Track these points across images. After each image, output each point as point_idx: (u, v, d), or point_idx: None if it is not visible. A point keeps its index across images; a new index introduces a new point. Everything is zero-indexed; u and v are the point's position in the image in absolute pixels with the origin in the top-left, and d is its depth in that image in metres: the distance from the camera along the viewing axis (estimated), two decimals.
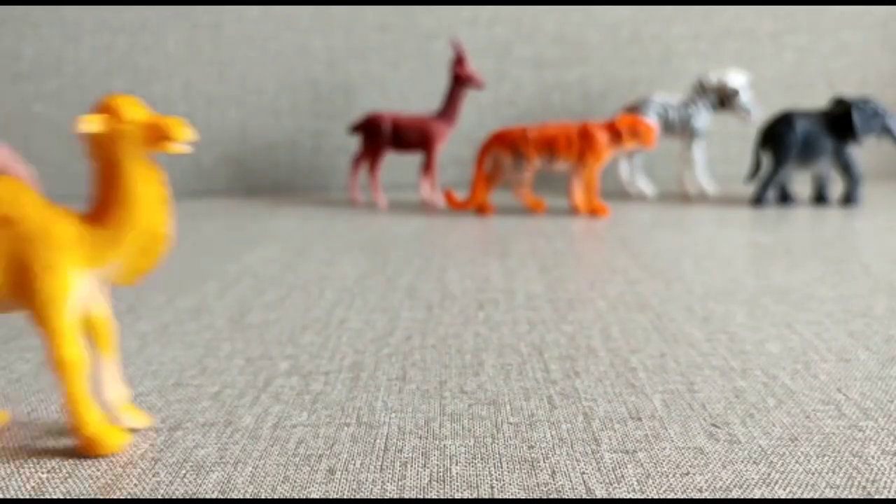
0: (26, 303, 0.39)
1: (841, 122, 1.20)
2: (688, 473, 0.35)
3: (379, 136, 1.33)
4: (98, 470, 0.37)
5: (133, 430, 0.42)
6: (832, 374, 0.47)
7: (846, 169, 1.22)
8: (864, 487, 0.33)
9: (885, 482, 0.34)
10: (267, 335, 0.58)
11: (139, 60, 1.58)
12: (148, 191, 0.40)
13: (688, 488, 0.33)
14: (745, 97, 1.33)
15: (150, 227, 0.41)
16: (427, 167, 1.33)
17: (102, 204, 0.40)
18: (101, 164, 0.40)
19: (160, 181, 0.41)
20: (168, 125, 0.39)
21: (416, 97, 1.65)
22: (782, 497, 0.32)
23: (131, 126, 0.40)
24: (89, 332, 0.41)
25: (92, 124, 0.39)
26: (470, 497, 0.33)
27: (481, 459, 0.37)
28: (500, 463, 0.36)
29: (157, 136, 0.40)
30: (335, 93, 1.63)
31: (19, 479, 0.36)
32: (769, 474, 0.34)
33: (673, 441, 0.38)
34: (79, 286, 0.40)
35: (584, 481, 0.34)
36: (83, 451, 0.39)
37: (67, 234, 0.39)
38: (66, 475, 0.36)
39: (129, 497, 0.34)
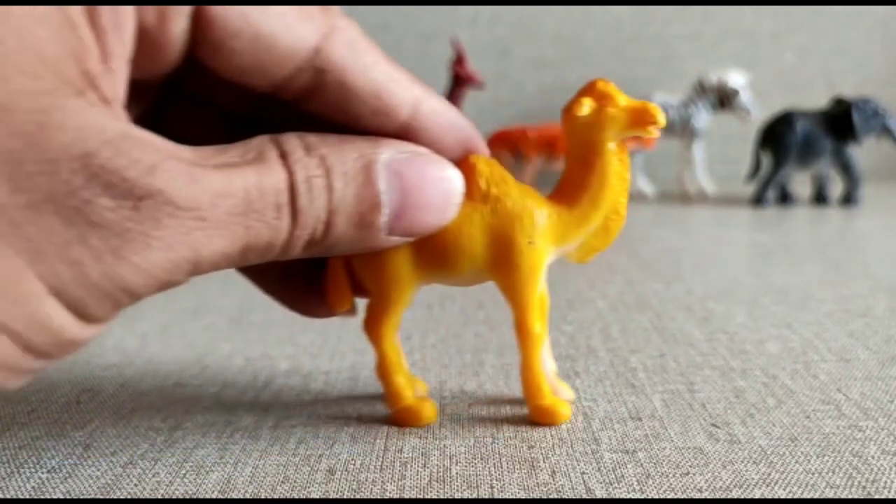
0: (502, 275, 0.41)
1: (841, 122, 1.20)
2: (688, 473, 0.35)
3: None
4: (98, 470, 0.37)
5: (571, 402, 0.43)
6: (832, 374, 0.47)
7: (846, 169, 1.22)
8: (864, 487, 0.33)
9: (885, 482, 0.34)
10: (267, 335, 0.58)
11: None
12: (620, 173, 0.42)
13: (688, 488, 0.33)
14: (745, 97, 1.33)
15: (616, 208, 0.42)
16: None
17: (573, 184, 0.42)
18: (579, 146, 0.42)
19: (628, 164, 0.42)
20: (654, 110, 0.40)
21: None
22: (782, 497, 0.32)
23: (620, 111, 0.40)
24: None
25: (585, 108, 0.40)
26: (470, 497, 0.33)
27: (481, 459, 0.37)
28: (500, 462, 0.36)
29: (641, 120, 0.40)
30: None
31: (19, 479, 0.36)
32: (769, 474, 0.34)
33: (673, 441, 0.38)
34: (546, 264, 0.42)
35: (584, 481, 0.34)
36: (537, 417, 0.41)
37: (544, 212, 0.41)
38: (67, 475, 0.36)
39: (129, 497, 0.34)
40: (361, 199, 0.34)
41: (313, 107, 0.36)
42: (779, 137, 1.22)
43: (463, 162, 0.41)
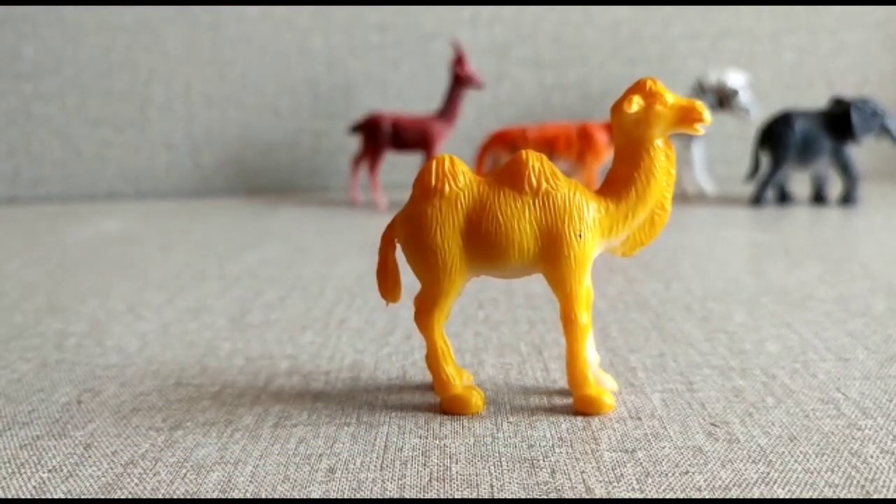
0: (550, 267, 0.43)
1: (840, 121, 1.20)
2: (687, 472, 0.35)
3: (379, 137, 1.33)
4: (99, 469, 0.37)
5: (614, 392, 0.45)
6: (831, 374, 0.47)
7: (845, 169, 1.22)
8: (863, 486, 0.33)
9: (884, 481, 0.34)
10: (267, 335, 0.58)
11: (139, 60, 1.58)
12: (666, 168, 0.44)
13: (687, 487, 0.34)
14: (744, 97, 1.33)
15: (661, 203, 0.44)
16: None
17: (622, 179, 0.44)
18: (627, 143, 0.44)
19: (674, 160, 0.44)
20: (700, 108, 0.43)
21: (416, 97, 1.65)
22: (781, 496, 0.33)
23: (668, 109, 0.43)
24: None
25: (635, 105, 0.43)
26: (470, 496, 0.33)
27: (481, 458, 0.37)
28: (500, 462, 0.36)
29: (689, 117, 0.43)
30: (335, 93, 1.64)
31: (20, 479, 0.36)
32: (768, 473, 0.35)
33: (672, 440, 0.38)
34: (594, 254, 0.44)
35: (584, 480, 0.34)
36: (581, 407, 0.43)
37: (592, 206, 0.43)
38: (68, 475, 0.36)
39: (130, 497, 0.34)
40: None
41: None
42: (778, 137, 1.22)
43: (514, 157, 0.43)
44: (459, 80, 1.31)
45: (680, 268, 0.78)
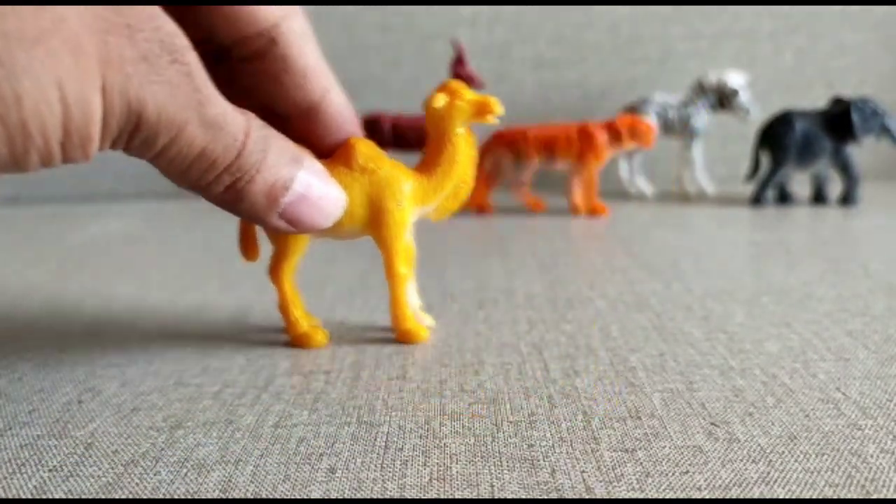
0: (375, 231, 0.53)
1: (840, 121, 1.20)
2: (687, 472, 0.35)
3: (379, 137, 1.33)
4: (100, 469, 0.37)
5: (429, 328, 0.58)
6: (831, 373, 0.47)
7: (845, 169, 1.22)
8: (863, 486, 0.33)
9: (884, 481, 0.34)
10: (268, 334, 0.58)
11: None
12: (466, 151, 0.54)
13: (687, 487, 0.34)
14: (744, 97, 1.33)
15: (464, 178, 0.55)
16: None
17: (432, 160, 0.54)
18: (436, 131, 0.54)
19: (474, 145, 0.55)
20: (493, 103, 0.53)
21: (416, 97, 1.65)
22: (781, 496, 0.33)
23: (466, 104, 0.53)
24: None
25: (439, 101, 0.53)
26: (470, 495, 0.33)
27: (481, 458, 0.37)
28: (500, 461, 0.36)
29: (483, 111, 0.53)
30: None
31: (21, 479, 0.36)
32: (768, 473, 0.35)
33: (672, 440, 0.38)
34: (411, 220, 0.54)
35: (584, 480, 0.34)
36: (402, 338, 0.56)
37: (408, 180, 0.53)
38: (68, 474, 0.36)
39: (130, 496, 0.34)
40: (279, 176, 0.44)
41: (255, 68, 0.47)
42: (778, 137, 1.22)
43: (347, 142, 0.52)
44: (459, 80, 1.31)
45: (680, 268, 0.78)
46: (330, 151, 0.52)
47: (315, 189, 0.47)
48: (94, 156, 0.38)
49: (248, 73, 0.47)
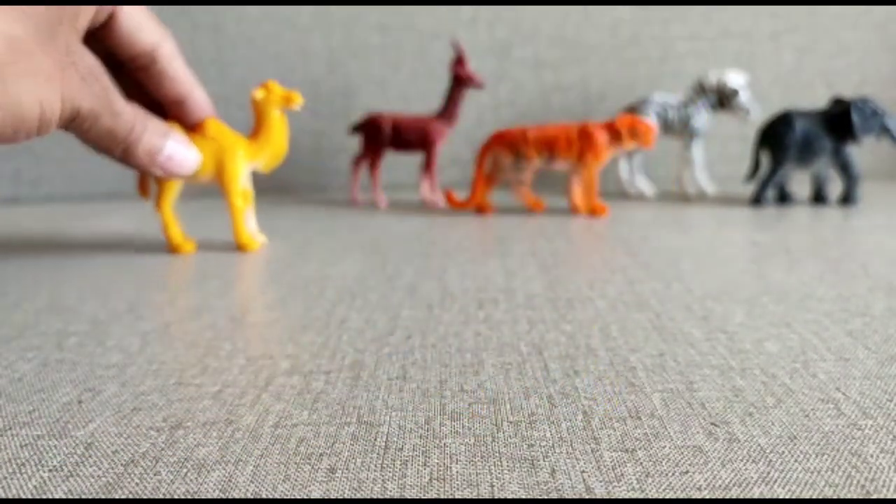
0: (220, 178, 0.89)
1: (840, 121, 1.20)
2: (687, 472, 0.35)
3: (379, 137, 1.33)
4: (100, 469, 0.37)
5: (261, 243, 0.96)
6: (831, 373, 0.47)
7: (845, 168, 1.22)
8: (863, 486, 0.33)
9: (884, 480, 0.34)
10: (268, 334, 0.58)
11: None
12: (279, 127, 0.92)
13: (687, 487, 0.34)
14: (744, 97, 1.33)
15: (279, 144, 0.92)
16: (427, 167, 1.33)
17: (257, 133, 0.92)
18: (260, 113, 0.91)
19: (285, 124, 0.93)
20: (294, 96, 0.91)
21: (416, 97, 1.65)
22: (781, 495, 0.33)
23: (275, 96, 0.91)
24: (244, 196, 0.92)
25: (259, 93, 0.91)
26: (470, 495, 0.33)
27: (481, 458, 0.37)
28: (501, 461, 0.37)
29: (289, 100, 0.91)
30: (335, 93, 1.64)
31: (21, 479, 0.36)
32: (768, 473, 0.35)
33: (672, 440, 0.38)
34: (244, 171, 0.91)
35: (584, 480, 0.34)
36: (240, 249, 0.93)
37: (241, 145, 0.90)
38: (68, 474, 0.36)
39: (130, 496, 0.34)
40: (153, 143, 0.75)
41: (144, 75, 0.79)
42: (778, 137, 1.22)
43: (204, 121, 0.86)
44: (459, 80, 1.31)
45: (680, 267, 0.78)
46: (194, 127, 0.86)
47: (179, 152, 0.79)
48: (50, 133, 0.64)
49: (139, 78, 0.80)
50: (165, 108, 0.84)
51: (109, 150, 0.72)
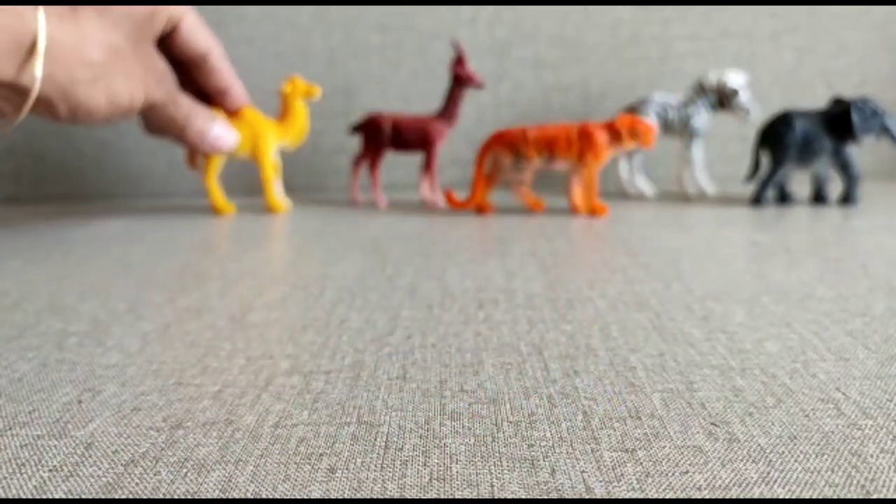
0: (254, 154, 1.21)
1: (840, 121, 1.20)
2: (687, 472, 0.35)
3: (379, 137, 1.33)
4: (100, 469, 0.37)
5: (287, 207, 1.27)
6: (831, 373, 0.47)
7: (845, 168, 1.22)
8: (863, 486, 0.33)
9: (884, 480, 0.34)
10: (268, 334, 0.58)
11: None
12: (302, 114, 1.24)
13: (687, 487, 0.34)
14: (744, 97, 1.33)
15: (302, 127, 1.25)
16: (427, 167, 1.33)
17: (284, 118, 1.23)
18: (285, 103, 1.23)
19: (306, 111, 1.27)
20: (313, 88, 1.23)
21: (416, 97, 1.65)
22: (781, 495, 0.33)
23: (300, 89, 1.23)
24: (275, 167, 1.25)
25: (287, 87, 1.22)
26: (470, 495, 0.33)
27: (481, 458, 0.37)
28: (501, 461, 0.37)
29: (308, 93, 1.23)
30: (335, 93, 1.64)
31: (21, 479, 0.36)
32: (768, 473, 0.35)
33: (672, 440, 0.38)
34: (274, 149, 1.22)
35: (584, 480, 0.34)
36: (271, 210, 1.27)
37: (271, 128, 1.21)
38: (68, 474, 0.36)
39: (130, 496, 0.34)
40: (203, 126, 1.04)
41: (197, 72, 1.05)
42: (778, 137, 1.22)
43: (241, 109, 1.14)
44: (459, 80, 1.31)
45: (680, 267, 0.78)
46: (234, 113, 1.14)
47: (223, 133, 1.07)
48: (133, 116, 0.92)
49: (194, 74, 1.05)
50: (211, 97, 1.10)
51: (170, 131, 0.99)
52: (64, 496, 0.34)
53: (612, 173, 1.64)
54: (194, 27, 0.97)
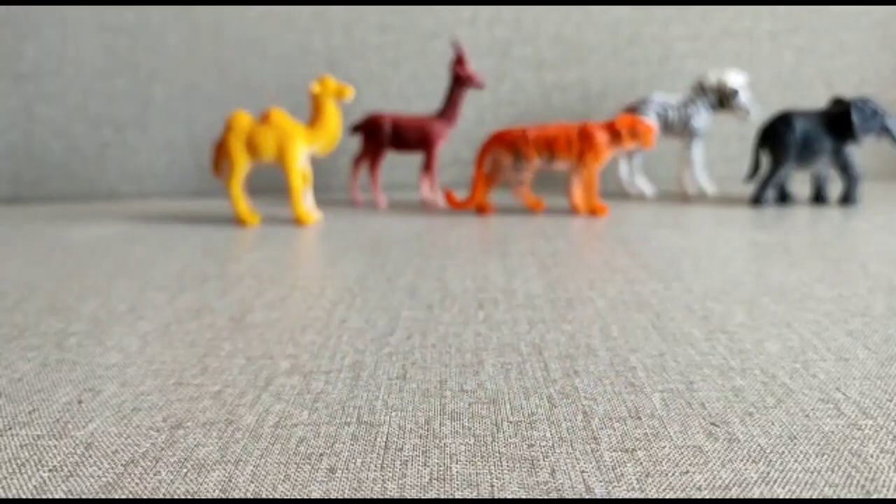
0: (281, 160, 1.10)
1: (840, 121, 1.20)
2: (687, 472, 0.35)
3: (379, 137, 1.33)
4: (100, 469, 0.37)
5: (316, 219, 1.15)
6: (831, 373, 0.47)
7: (845, 168, 1.22)
8: (863, 486, 0.33)
9: (884, 480, 0.34)
10: (268, 334, 0.58)
11: (140, 60, 1.58)
12: (334, 115, 1.11)
13: (687, 487, 0.34)
14: (744, 97, 1.33)
15: (334, 131, 1.12)
16: (427, 167, 1.33)
17: (314, 121, 1.12)
18: (316, 105, 1.12)
19: (339, 113, 1.13)
20: (346, 88, 1.11)
21: (416, 97, 1.65)
22: (781, 495, 0.33)
23: (331, 90, 1.11)
24: (303, 176, 1.13)
25: (316, 88, 1.11)
26: (470, 495, 0.33)
27: (481, 458, 0.37)
28: (501, 461, 0.37)
29: (339, 93, 1.11)
30: None
31: (21, 479, 0.36)
32: (768, 473, 0.35)
33: (672, 440, 0.38)
34: (303, 155, 1.11)
35: (584, 480, 0.34)
36: (298, 222, 1.14)
37: (300, 133, 1.10)
38: (68, 474, 0.36)
39: (130, 496, 0.34)
40: None
41: None
42: (778, 137, 1.22)
43: (269, 111, 1.10)
44: (459, 80, 1.30)
45: (680, 268, 0.78)
46: (264, 118, 1.10)
47: None
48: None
49: None
50: None
51: None
52: (64, 496, 0.34)
53: (612, 173, 1.64)
54: None
